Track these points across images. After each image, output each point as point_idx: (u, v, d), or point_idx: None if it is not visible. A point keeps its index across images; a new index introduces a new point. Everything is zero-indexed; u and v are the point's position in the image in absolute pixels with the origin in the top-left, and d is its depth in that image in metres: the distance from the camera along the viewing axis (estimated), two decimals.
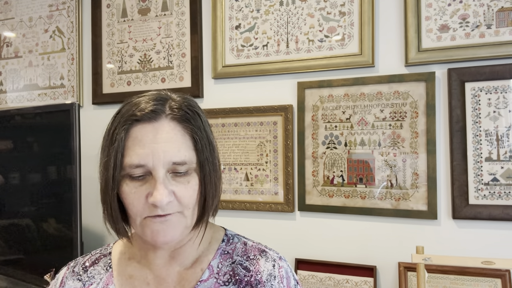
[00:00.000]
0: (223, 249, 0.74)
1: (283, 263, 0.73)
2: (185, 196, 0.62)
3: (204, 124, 0.67)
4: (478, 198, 1.32)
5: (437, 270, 1.31)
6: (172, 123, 0.62)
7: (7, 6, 2.13)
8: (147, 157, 0.60)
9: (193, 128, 0.63)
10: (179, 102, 0.65)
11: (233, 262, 0.72)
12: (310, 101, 1.52)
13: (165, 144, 0.60)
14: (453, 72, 1.34)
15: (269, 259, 0.72)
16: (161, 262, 0.71)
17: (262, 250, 0.74)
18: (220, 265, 0.71)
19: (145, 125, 0.61)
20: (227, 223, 1.67)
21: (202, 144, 0.64)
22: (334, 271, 1.45)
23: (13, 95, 2.10)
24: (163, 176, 0.60)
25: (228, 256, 0.73)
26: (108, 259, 0.75)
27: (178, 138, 0.62)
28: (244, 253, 0.73)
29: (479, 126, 1.32)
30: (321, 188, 1.50)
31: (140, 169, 0.61)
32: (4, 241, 1.79)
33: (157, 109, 0.62)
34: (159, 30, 1.78)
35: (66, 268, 0.76)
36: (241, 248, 0.74)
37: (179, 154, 0.61)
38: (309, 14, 1.53)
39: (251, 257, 0.72)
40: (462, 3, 1.35)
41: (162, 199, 0.59)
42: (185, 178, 0.63)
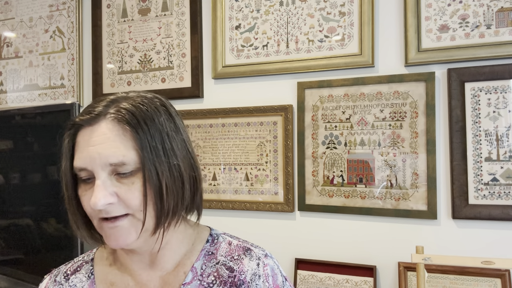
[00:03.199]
0: (207, 250, 0.71)
1: (268, 261, 0.71)
2: (129, 197, 0.60)
3: (159, 123, 0.62)
4: (477, 198, 1.32)
5: (437, 270, 1.31)
6: (111, 124, 0.60)
7: (8, 6, 2.13)
8: (85, 160, 0.60)
9: (133, 127, 0.60)
10: (129, 102, 0.63)
11: (217, 262, 0.70)
12: (310, 101, 1.53)
13: (100, 145, 0.59)
14: (453, 72, 1.35)
15: (253, 258, 0.70)
16: (140, 267, 0.70)
17: (246, 249, 0.72)
18: (203, 266, 0.69)
19: (85, 129, 0.61)
20: (227, 223, 1.68)
21: (147, 144, 0.60)
22: (334, 271, 1.45)
23: (14, 95, 2.10)
24: (104, 178, 0.59)
25: (212, 256, 0.71)
26: (90, 266, 0.74)
27: (116, 138, 0.60)
28: (228, 253, 0.71)
29: (479, 126, 1.32)
30: (321, 188, 1.50)
31: (84, 172, 0.61)
32: (4, 241, 1.79)
33: (99, 112, 0.61)
34: (159, 30, 1.78)
35: (49, 277, 0.76)
36: (225, 248, 0.72)
37: (115, 155, 0.59)
38: (309, 14, 1.54)
39: (235, 257, 0.70)
40: (462, 3, 1.35)
41: (96, 202, 0.58)
42: (130, 179, 0.60)
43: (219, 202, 1.64)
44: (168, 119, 0.65)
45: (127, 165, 0.59)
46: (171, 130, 0.64)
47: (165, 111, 0.66)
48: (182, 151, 0.65)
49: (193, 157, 0.67)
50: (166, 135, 0.63)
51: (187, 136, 0.68)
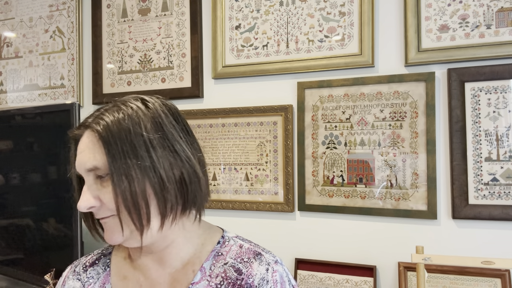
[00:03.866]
0: (217, 251, 0.72)
1: (278, 267, 0.71)
2: (108, 200, 0.64)
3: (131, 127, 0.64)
4: (477, 198, 1.32)
5: (437, 270, 1.31)
6: (90, 133, 0.66)
7: (7, 6, 2.13)
8: (76, 167, 0.67)
9: (100, 134, 0.64)
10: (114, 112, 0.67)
11: (226, 263, 0.70)
12: (310, 101, 1.53)
13: (81, 153, 0.65)
14: (453, 72, 1.35)
15: (263, 263, 0.70)
16: (149, 264, 0.72)
17: (257, 253, 0.72)
18: (212, 267, 0.70)
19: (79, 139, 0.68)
20: (227, 223, 1.67)
21: (113, 150, 0.63)
22: (334, 271, 1.45)
23: (14, 95, 2.10)
24: (90, 183, 0.65)
25: (221, 258, 0.71)
26: (107, 259, 0.77)
27: (90, 146, 0.65)
28: (238, 255, 0.71)
29: (479, 126, 1.33)
30: (321, 188, 1.50)
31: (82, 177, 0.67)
32: (4, 241, 1.79)
33: (84, 123, 0.67)
34: (159, 30, 1.78)
35: (70, 267, 0.79)
36: (235, 250, 0.72)
37: (90, 161, 0.64)
38: (309, 14, 1.54)
39: (245, 260, 0.70)
40: (462, 3, 1.35)
41: (79, 205, 0.64)
42: (107, 182, 0.64)
43: (219, 202, 1.64)
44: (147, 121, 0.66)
45: (101, 169, 0.64)
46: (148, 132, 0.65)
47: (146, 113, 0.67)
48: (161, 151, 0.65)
49: (180, 155, 0.67)
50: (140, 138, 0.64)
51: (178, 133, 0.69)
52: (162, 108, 0.70)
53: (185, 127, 0.71)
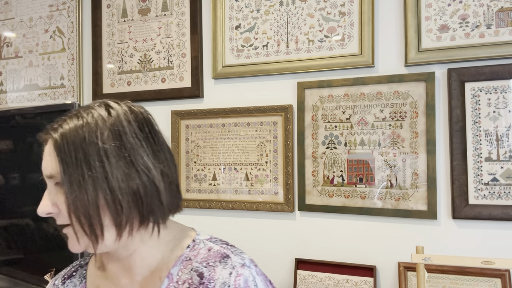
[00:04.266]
0: (185, 256, 0.70)
1: (243, 271, 0.66)
2: (62, 208, 0.64)
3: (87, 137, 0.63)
4: (478, 198, 1.32)
5: (437, 270, 1.31)
6: (49, 141, 0.67)
7: (7, 6, 2.13)
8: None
9: (56, 142, 0.64)
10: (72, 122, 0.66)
11: (192, 269, 0.68)
12: (310, 101, 1.53)
13: (44, 159, 0.67)
14: (453, 72, 1.35)
15: (228, 266, 0.66)
16: (118, 272, 0.72)
17: (225, 256, 0.68)
18: (180, 272, 0.68)
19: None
20: (227, 223, 1.68)
21: (66, 159, 0.63)
22: (334, 271, 1.45)
23: (14, 95, 2.10)
24: (50, 189, 0.66)
25: (188, 262, 0.69)
26: (84, 270, 0.78)
27: (50, 152, 0.65)
28: (204, 259, 0.68)
29: (479, 126, 1.32)
30: (321, 188, 1.50)
31: None
32: (4, 241, 1.79)
33: (48, 129, 0.68)
34: (159, 30, 1.78)
35: (51, 281, 0.80)
36: (203, 254, 0.69)
37: (47, 168, 0.65)
38: (309, 14, 1.53)
39: (210, 264, 0.67)
40: (462, 3, 1.35)
41: (38, 210, 0.65)
42: (62, 189, 0.64)
43: (219, 202, 1.64)
44: (105, 131, 0.64)
45: (56, 177, 0.64)
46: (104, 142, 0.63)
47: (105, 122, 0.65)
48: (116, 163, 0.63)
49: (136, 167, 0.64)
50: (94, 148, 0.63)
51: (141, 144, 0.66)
52: (127, 115, 0.67)
53: (150, 136, 0.69)
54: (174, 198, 0.71)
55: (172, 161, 0.72)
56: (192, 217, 1.70)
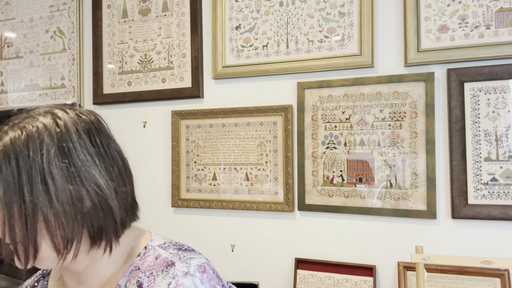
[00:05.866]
0: (135, 265, 0.66)
1: (185, 280, 0.60)
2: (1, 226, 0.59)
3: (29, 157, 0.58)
4: (477, 198, 1.32)
5: (437, 270, 1.32)
6: None
7: (8, 6, 2.14)
8: None
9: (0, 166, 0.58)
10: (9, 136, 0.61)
11: (137, 280, 0.64)
12: (309, 101, 1.53)
13: None
14: (452, 73, 1.35)
15: (168, 276, 0.61)
16: (73, 284, 0.70)
17: (169, 264, 0.63)
18: (128, 283, 0.64)
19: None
20: (227, 223, 1.68)
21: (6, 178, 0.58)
22: (334, 270, 1.45)
23: (14, 96, 2.11)
24: None
25: (137, 273, 0.65)
26: (45, 281, 0.77)
27: None
28: (149, 268, 0.64)
29: (478, 126, 1.33)
30: (320, 188, 1.50)
31: None
32: None
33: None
34: (160, 30, 1.78)
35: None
36: (149, 262, 0.65)
37: None
38: (309, 14, 1.54)
39: (153, 273, 0.63)
40: (461, 3, 1.35)
41: None
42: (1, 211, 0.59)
43: (219, 202, 1.65)
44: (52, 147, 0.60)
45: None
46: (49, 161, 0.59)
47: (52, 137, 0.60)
48: (61, 183, 0.59)
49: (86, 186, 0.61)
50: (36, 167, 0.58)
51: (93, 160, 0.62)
52: (77, 126, 0.63)
53: (103, 149, 0.64)
54: (129, 211, 0.68)
55: (127, 172, 0.68)
56: (192, 217, 1.71)
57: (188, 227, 1.71)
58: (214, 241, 1.66)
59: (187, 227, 1.71)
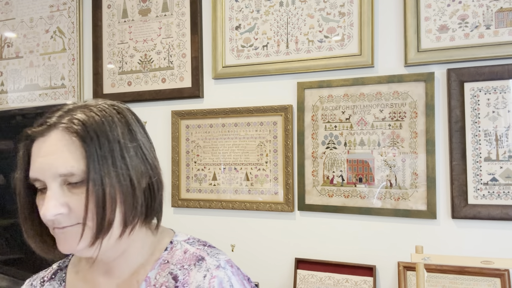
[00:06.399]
0: (163, 259, 0.69)
1: (218, 272, 0.65)
2: (79, 208, 0.60)
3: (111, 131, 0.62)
4: (477, 198, 1.32)
5: (437, 270, 1.32)
6: (61, 133, 0.61)
7: (8, 6, 2.14)
8: (37, 171, 0.61)
9: (82, 137, 0.60)
10: (80, 111, 0.63)
11: (169, 272, 0.67)
12: (309, 101, 1.53)
13: (50, 156, 0.60)
14: (452, 73, 1.35)
15: (202, 269, 0.66)
16: (98, 275, 0.71)
17: (200, 258, 0.68)
18: (158, 276, 0.68)
19: (39, 140, 0.62)
20: (227, 223, 1.68)
21: (96, 154, 0.60)
22: (334, 270, 1.45)
23: (14, 95, 2.11)
24: (55, 189, 0.60)
25: (166, 266, 0.68)
26: (63, 273, 0.77)
27: (65, 149, 0.60)
28: (180, 261, 0.68)
29: (478, 126, 1.33)
30: (320, 188, 1.50)
31: (38, 182, 0.62)
32: (4, 240, 1.79)
33: (51, 123, 0.62)
34: (160, 30, 1.78)
35: (28, 281, 0.79)
36: (179, 256, 0.69)
37: (65, 165, 0.59)
38: (309, 14, 1.54)
39: (185, 267, 0.67)
40: (461, 3, 1.35)
41: (45, 213, 0.59)
42: (80, 189, 0.60)
43: (219, 202, 1.65)
44: (123, 127, 0.64)
45: (76, 175, 0.59)
46: (124, 138, 0.63)
47: (120, 119, 0.65)
48: (135, 160, 0.64)
49: (150, 164, 0.67)
50: (117, 144, 0.62)
51: (146, 142, 0.68)
52: (131, 115, 0.68)
53: (147, 134, 0.70)
54: None
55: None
56: (192, 217, 1.71)
57: (188, 227, 1.71)
58: (214, 241, 1.65)
59: (187, 227, 1.71)
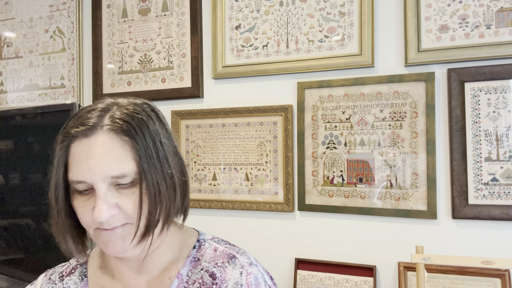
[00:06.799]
0: (193, 256, 0.71)
1: (252, 269, 0.69)
2: (130, 208, 0.60)
3: (153, 131, 0.63)
4: (477, 198, 1.32)
5: (437, 270, 1.32)
6: (109, 135, 0.60)
7: (8, 6, 2.13)
8: (84, 173, 0.59)
9: (133, 137, 0.60)
10: (122, 111, 0.63)
11: (202, 269, 0.69)
12: (310, 101, 1.53)
13: (101, 158, 0.59)
14: (453, 72, 1.35)
15: (237, 266, 0.69)
16: (128, 272, 0.70)
17: (231, 256, 0.70)
18: (189, 273, 0.69)
19: (81, 140, 0.60)
20: (227, 223, 1.68)
21: (145, 154, 0.61)
22: (334, 270, 1.45)
23: (14, 95, 2.10)
24: (104, 191, 0.59)
25: (197, 263, 0.70)
26: (84, 268, 0.75)
27: (115, 150, 0.60)
28: (212, 259, 0.70)
29: (479, 126, 1.33)
30: (321, 188, 1.50)
31: (82, 184, 0.60)
32: (4, 241, 1.79)
33: (94, 123, 0.61)
34: (159, 30, 1.78)
35: (44, 275, 0.78)
36: (210, 254, 0.71)
37: (117, 168, 0.59)
38: (309, 14, 1.54)
39: (219, 264, 0.69)
40: (462, 3, 1.35)
41: (101, 215, 0.58)
42: (130, 189, 0.61)
43: (219, 202, 1.65)
44: (160, 126, 0.65)
45: (127, 176, 0.60)
46: (163, 137, 0.65)
47: (156, 117, 0.66)
48: (174, 158, 0.66)
49: (182, 162, 0.69)
50: (159, 143, 0.63)
51: (176, 140, 0.69)
52: (159, 112, 0.69)
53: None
54: None
55: None
56: (192, 217, 1.70)
57: None
58: None
59: None
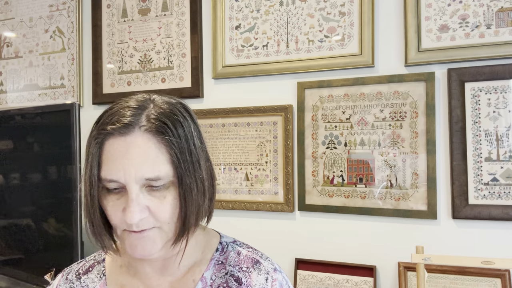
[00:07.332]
0: (217, 259, 0.70)
1: (277, 275, 0.69)
2: (161, 211, 0.59)
3: (188, 133, 0.62)
4: (477, 198, 1.32)
5: (437, 270, 1.31)
6: (146, 135, 0.58)
7: (8, 6, 2.13)
8: (118, 172, 0.58)
9: (169, 140, 0.59)
10: (159, 111, 0.61)
11: (226, 273, 0.69)
12: (310, 101, 1.53)
13: (137, 159, 0.57)
14: (453, 72, 1.35)
15: (262, 272, 0.68)
16: (151, 272, 0.69)
17: (256, 261, 0.70)
18: (213, 276, 0.69)
19: (117, 138, 0.59)
20: (227, 223, 1.68)
21: (181, 157, 0.60)
22: (334, 271, 1.45)
23: (14, 95, 2.10)
24: (137, 192, 0.58)
25: (221, 266, 0.70)
26: (102, 267, 0.74)
27: (151, 152, 0.58)
28: (237, 263, 0.70)
29: (479, 126, 1.33)
30: (321, 188, 1.50)
31: (114, 183, 0.59)
32: (4, 241, 1.79)
33: (130, 122, 0.59)
34: (159, 30, 1.78)
35: (61, 275, 0.76)
36: (234, 257, 0.71)
37: (152, 170, 0.58)
38: (309, 14, 1.54)
39: (243, 269, 0.69)
40: (462, 3, 1.35)
41: (133, 217, 0.57)
42: (162, 192, 0.60)
43: (219, 202, 1.64)
44: (194, 128, 0.64)
45: (162, 179, 0.59)
46: (197, 139, 0.64)
47: (190, 118, 0.65)
48: (205, 162, 0.65)
49: (211, 163, 0.68)
50: (193, 145, 0.62)
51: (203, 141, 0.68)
52: (194, 114, 0.68)
53: None
54: None
55: None
56: None
57: None
58: None
59: None
